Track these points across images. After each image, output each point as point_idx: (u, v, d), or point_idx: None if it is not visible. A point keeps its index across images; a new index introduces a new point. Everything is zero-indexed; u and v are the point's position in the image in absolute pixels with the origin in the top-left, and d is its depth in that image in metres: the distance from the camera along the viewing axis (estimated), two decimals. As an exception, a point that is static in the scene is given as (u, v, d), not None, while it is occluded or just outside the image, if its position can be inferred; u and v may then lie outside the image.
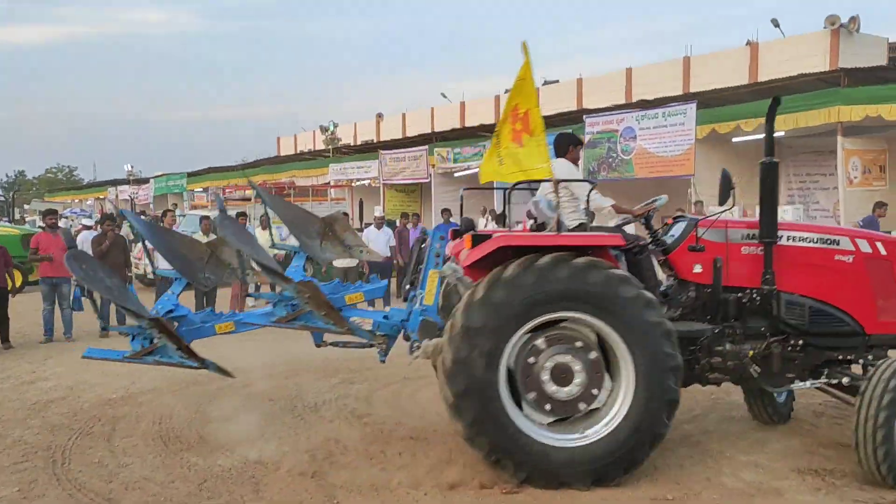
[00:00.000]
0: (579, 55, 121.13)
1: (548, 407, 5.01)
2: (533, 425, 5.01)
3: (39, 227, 18.95)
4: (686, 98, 17.67)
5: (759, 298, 5.41)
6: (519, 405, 5.04)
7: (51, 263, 11.22)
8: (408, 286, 5.65)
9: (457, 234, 5.86)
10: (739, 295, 5.48)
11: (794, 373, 5.49)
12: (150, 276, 15.94)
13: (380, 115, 51.90)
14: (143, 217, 28.09)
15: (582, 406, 5.03)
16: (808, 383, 5.51)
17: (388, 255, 14.39)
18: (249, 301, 14.17)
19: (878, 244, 5.58)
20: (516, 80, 5.17)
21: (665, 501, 4.77)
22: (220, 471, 5.43)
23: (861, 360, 5.53)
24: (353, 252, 6.13)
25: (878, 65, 17.45)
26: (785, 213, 14.24)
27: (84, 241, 14.36)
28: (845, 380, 5.37)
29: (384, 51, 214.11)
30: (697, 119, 15.83)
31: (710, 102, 16.76)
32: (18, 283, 14.54)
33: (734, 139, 16.50)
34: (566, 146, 6.49)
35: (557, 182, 5.29)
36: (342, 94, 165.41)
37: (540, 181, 5.84)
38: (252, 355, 9.90)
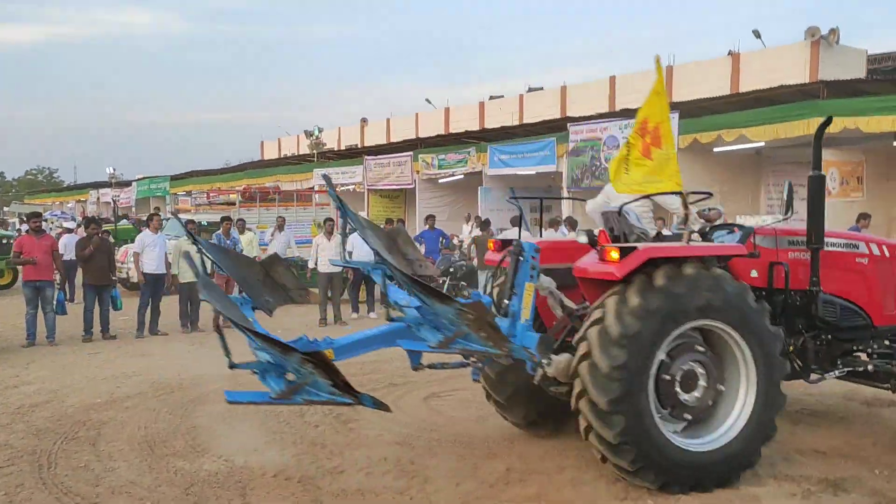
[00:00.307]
0: (564, 62, 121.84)
1: (678, 412, 5.22)
2: (671, 433, 5.16)
3: (17, 230, 18.82)
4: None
5: (803, 299, 6.02)
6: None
7: (34, 267, 11.17)
8: (506, 301, 5.40)
9: (504, 243, 5.97)
10: (784, 296, 5.96)
11: (820, 365, 6.09)
12: (134, 279, 15.91)
13: (364, 121, 51.92)
14: (126, 220, 27.83)
15: (705, 410, 5.29)
16: (834, 373, 6.06)
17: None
18: None
19: (884, 247, 6.42)
20: (650, 94, 5.38)
21: (645, 506, 4.87)
22: (206, 475, 5.48)
23: (868, 350, 6.20)
24: (414, 266, 6.00)
25: (856, 77, 17.75)
26: (764, 222, 14.46)
27: (67, 244, 14.34)
28: (870, 367, 5.99)
29: (369, 57, 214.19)
30: (679, 129, 16.02)
31: (692, 112, 16.98)
32: None
33: (715, 149, 16.73)
34: None
35: (686, 195, 5.51)
36: (327, 100, 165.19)
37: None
38: (234, 359, 9.93)
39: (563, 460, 5.73)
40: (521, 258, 5.32)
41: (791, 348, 5.91)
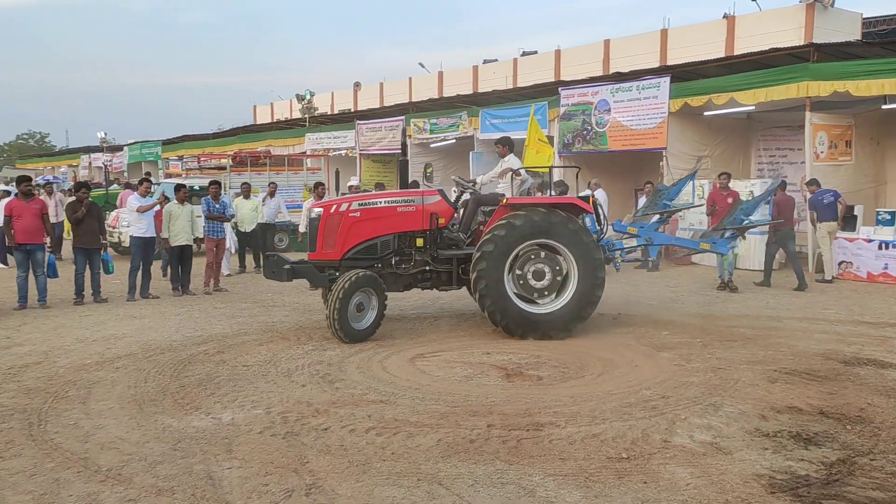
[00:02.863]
0: (559, 26, 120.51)
1: (536, 294, 8.90)
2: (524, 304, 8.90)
3: (3, 191, 18.74)
4: (660, 71, 17.81)
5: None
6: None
7: (25, 230, 11.20)
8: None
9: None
10: None
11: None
12: (125, 244, 15.95)
13: (357, 85, 51.52)
14: (117, 184, 27.67)
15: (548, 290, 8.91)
16: None
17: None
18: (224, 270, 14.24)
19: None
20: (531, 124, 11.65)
21: (620, 460, 5.01)
22: (193, 432, 5.60)
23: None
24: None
25: (847, 41, 17.64)
26: (753, 186, 14.53)
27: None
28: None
29: (363, 20, 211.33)
30: (671, 92, 16.00)
31: (684, 76, 16.91)
32: None
33: (706, 112, 16.71)
34: (511, 145, 10.39)
35: (513, 170, 9.97)
36: (320, 64, 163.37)
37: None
38: (224, 323, 10.06)
39: (541, 418, 5.86)
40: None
41: None
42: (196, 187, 17.57)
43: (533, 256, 8.81)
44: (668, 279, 14.28)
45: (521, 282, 8.78)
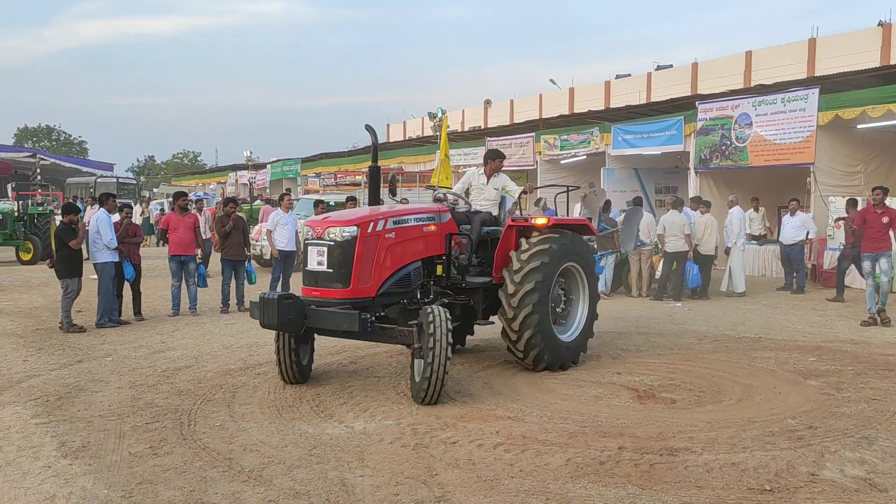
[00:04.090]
0: (697, 38, 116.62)
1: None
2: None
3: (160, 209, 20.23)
4: (807, 83, 16.85)
5: None
6: None
7: (180, 242, 12.05)
8: None
9: None
10: None
11: None
12: (267, 256, 16.81)
13: (488, 102, 52.02)
14: (259, 200, 29.22)
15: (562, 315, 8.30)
16: None
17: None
18: None
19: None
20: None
21: (762, 493, 4.73)
22: (328, 439, 5.79)
23: None
24: None
25: None
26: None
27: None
28: None
29: (494, 38, 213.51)
30: (820, 105, 15.11)
31: (834, 87, 15.92)
32: None
33: (859, 126, 15.65)
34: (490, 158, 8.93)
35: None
36: (452, 82, 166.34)
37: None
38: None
39: (675, 442, 5.64)
40: None
41: None
42: (332, 203, 18.29)
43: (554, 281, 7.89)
44: (814, 302, 13.41)
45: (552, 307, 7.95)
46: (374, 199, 8.42)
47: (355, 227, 6.89)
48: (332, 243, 6.91)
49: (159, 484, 4.93)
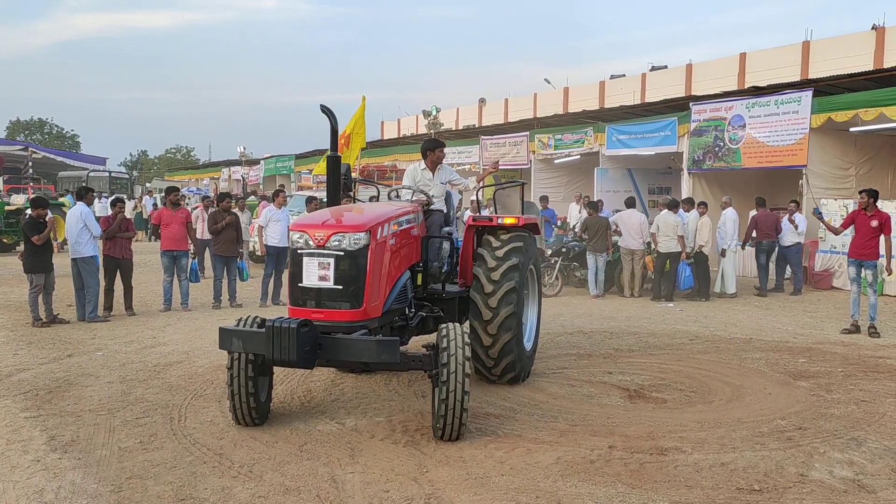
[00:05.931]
0: (691, 40, 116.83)
1: None
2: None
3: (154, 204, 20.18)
4: (801, 85, 16.91)
5: None
6: None
7: (172, 237, 12.01)
8: None
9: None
10: None
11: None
12: (259, 252, 16.77)
13: (482, 101, 51.97)
14: (253, 196, 29.14)
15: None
16: None
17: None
18: None
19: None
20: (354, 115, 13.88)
21: (751, 492, 4.75)
22: (318, 435, 5.79)
23: None
24: None
25: None
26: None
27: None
28: None
29: (490, 37, 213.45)
30: (813, 107, 15.17)
31: (828, 90, 15.98)
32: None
33: (852, 129, 15.71)
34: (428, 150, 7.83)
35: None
36: (447, 81, 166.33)
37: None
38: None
39: (665, 442, 5.66)
40: None
41: None
42: (325, 199, 18.23)
43: None
44: (806, 304, 13.47)
45: None
46: (335, 198, 6.94)
47: (365, 234, 5.59)
48: (341, 253, 5.54)
49: (149, 479, 4.92)
